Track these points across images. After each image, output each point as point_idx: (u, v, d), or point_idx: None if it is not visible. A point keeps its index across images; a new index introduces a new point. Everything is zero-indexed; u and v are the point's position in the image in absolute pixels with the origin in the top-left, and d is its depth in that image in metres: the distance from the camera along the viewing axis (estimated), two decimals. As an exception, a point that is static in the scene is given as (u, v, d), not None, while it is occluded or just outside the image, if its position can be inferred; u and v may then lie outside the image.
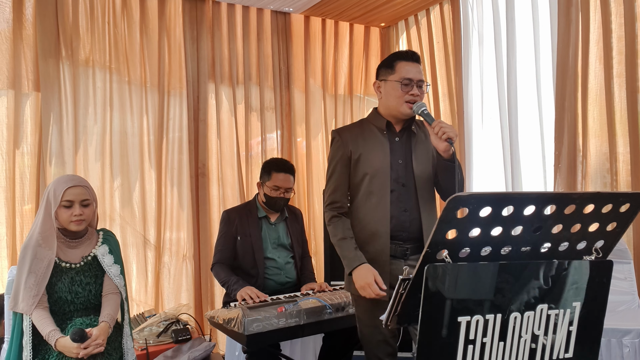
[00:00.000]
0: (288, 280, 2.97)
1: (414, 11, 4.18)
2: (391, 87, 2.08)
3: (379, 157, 2.10)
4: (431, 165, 2.13)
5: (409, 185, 2.09)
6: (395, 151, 2.12)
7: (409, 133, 2.16)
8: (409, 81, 2.05)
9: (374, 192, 2.08)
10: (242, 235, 2.91)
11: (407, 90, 2.05)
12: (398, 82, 2.06)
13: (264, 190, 2.94)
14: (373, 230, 2.07)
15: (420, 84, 2.08)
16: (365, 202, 2.10)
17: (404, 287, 1.33)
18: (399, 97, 2.06)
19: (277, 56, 4.16)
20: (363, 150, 2.11)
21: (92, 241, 2.32)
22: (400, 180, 2.09)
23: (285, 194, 2.93)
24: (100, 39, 3.51)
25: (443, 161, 2.00)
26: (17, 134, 3.27)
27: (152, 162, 3.68)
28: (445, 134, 1.91)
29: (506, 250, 1.32)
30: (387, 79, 2.11)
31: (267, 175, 2.93)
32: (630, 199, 1.33)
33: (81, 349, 2.02)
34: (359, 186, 2.12)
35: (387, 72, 2.11)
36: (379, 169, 2.08)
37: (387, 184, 2.07)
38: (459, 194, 1.19)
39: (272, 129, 4.16)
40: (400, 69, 2.07)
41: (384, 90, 2.13)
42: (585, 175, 2.98)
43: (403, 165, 2.11)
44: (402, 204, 2.07)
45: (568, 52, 3.03)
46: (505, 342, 1.31)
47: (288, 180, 2.93)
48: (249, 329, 2.22)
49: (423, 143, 2.16)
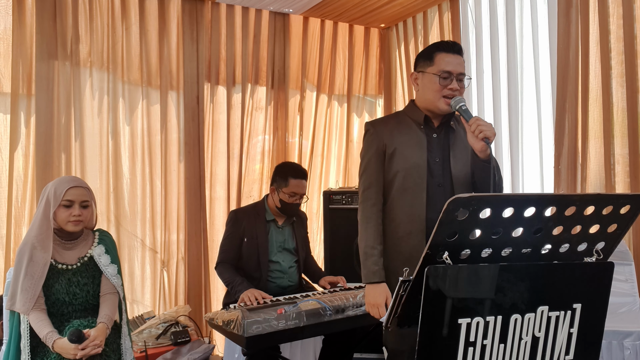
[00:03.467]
0: (290, 284, 2.97)
1: (414, 12, 4.18)
2: (429, 80, 1.95)
3: (415, 152, 1.97)
4: (469, 164, 1.99)
5: (446, 185, 1.96)
6: (432, 148, 1.99)
7: (447, 129, 2.03)
8: (448, 74, 1.92)
9: (409, 190, 1.96)
10: (248, 237, 2.90)
11: (445, 84, 1.92)
12: (436, 75, 1.93)
13: (279, 196, 2.90)
14: (407, 230, 1.96)
15: (461, 78, 1.94)
16: (399, 199, 1.98)
17: (404, 289, 1.32)
18: (436, 91, 1.93)
19: (275, 57, 4.16)
20: (398, 144, 1.99)
21: (88, 242, 2.32)
22: (437, 180, 1.96)
23: (299, 200, 2.93)
24: (98, 40, 3.51)
25: (480, 161, 1.88)
26: (14, 136, 3.26)
27: (149, 162, 3.68)
28: (482, 132, 1.77)
29: (507, 251, 1.32)
30: (425, 70, 1.97)
31: (284, 182, 2.89)
32: (630, 201, 1.32)
33: (79, 350, 2.02)
34: (392, 182, 2.00)
35: (425, 64, 1.98)
36: (415, 165, 1.96)
37: (423, 181, 1.95)
38: (459, 196, 1.19)
39: (269, 130, 4.16)
40: (439, 60, 1.93)
41: (421, 83, 2.00)
42: (585, 176, 2.97)
43: (440, 164, 1.98)
44: (437, 205, 1.91)
45: (568, 53, 3.03)
46: (505, 344, 1.30)
47: (304, 186, 2.92)
48: (248, 331, 2.21)
49: (462, 141, 2.01)
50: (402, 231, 1.97)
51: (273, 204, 2.96)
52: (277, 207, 2.93)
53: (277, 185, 2.92)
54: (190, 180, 3.80)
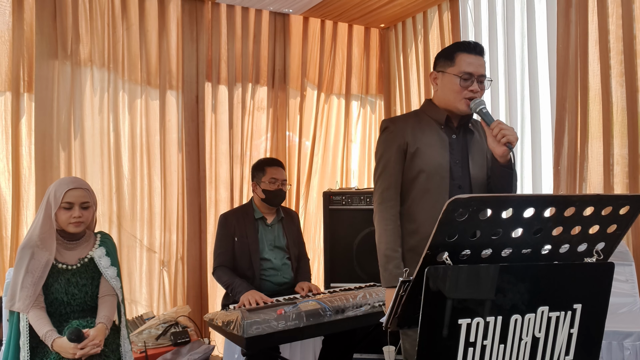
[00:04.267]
0: (285, 281, 2.97)
1: (414, 12, 4.18)
2: (449, 80, 1.91)
3: (438, 153, 1.93)
4: (485, 168, 1.97)
5: (465, 187, 1.92)
6: (453, 149, 1.95)
7: (465, 130, 2.00)
8: (469, 76, 1.88)
9: (431, 191, 1.91)
10: (239, 236, 2.93)
11: (466, 85, 1.88)
12: (457, 76, 1.88)
13: (261, 187, 2.97)
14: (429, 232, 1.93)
15: (482, 79, 1.90)
16: (420, 199, 1.93)
17: (404, 290, 1.32)
18: (456, 92, 1.89)
19: (275, 57, 4.16)
20: (421, 143, 1.93)
21: (89, 243, 2.32)
22: (457, 182, 1.92)
23: (282, 186, 2.97)
24: (99, 40, 3.51)
25: (499, 166, 1.84)
26: (14, 135, 3.26)
27: (150, 163, 3.68)
28: (505, 137, 1.74)
29: (507, 252, 1.32)
30: (445, 70, 1.93)
31: (261, 172, 2.98)
32: (630, 201, 1.32)
33: (78, 349, 2.02)
34: (413, 182, 1.94)
35: (445, 64, 1.93)
36: (438, 166, 1.91)
37: (446, 183, 1.91)
38: (458, 196, 1.19)
39: (269, 130, 4.16)
40: (460, 61, 1.89)
41: (440, 83, 1.95)
42: (585, 177, 2.97)
43: (459, 165, 1.94)
44: None
45: (568, 53, 3.03)
46: (505, 345, 1.30)
47: (282, 172, 3.00)
48: (248, 332, 2.21)
49: (479, 143, 1.99)
50: (423, 232, 1.91)
51: (259, 199, 3.00)
52: (262, 199, 2.97)
53: (256, 179, 3.00)
54: (190, 180, 3.80)
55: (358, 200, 3.46)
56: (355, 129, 4.55)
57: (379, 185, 1.99)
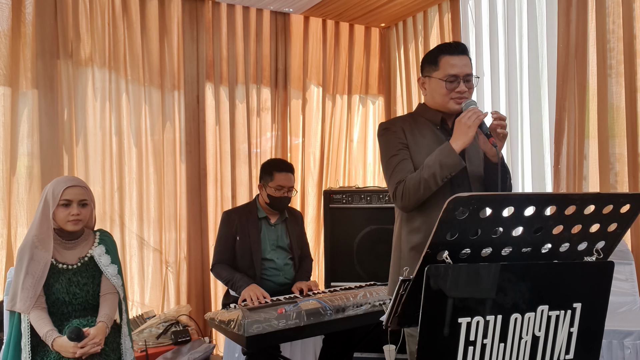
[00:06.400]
0: (287, 282, 2.97)
1: (414, 12, 4.18)
2: (436, 84, 1.93)
3: None
4: (482, 166, 2.00)
5: (464, 185, 1.94)
6: None
7: None
8: (455, 78, 1.89)
9: None
10: (241, 235, 2.92)
11: (452, 87, 1.90)
12: (442, 80, 1.90)
13: (266, 191, 2.94)
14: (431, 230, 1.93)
15: (468, 79, 1.91)
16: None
17: (404, 288, 1.32)
18: (444, 96, 1.91)
19: (276, 56, 4.16)
20: (419, 143, 1.96)
21: (88, 242, 2.32)
22: (456, 181, 1.92)
23: (288, 193, 2.94)
24: (99, 39, 3.51)
25: (491, 164, 1.90)
26: (14, 134, 3.26)
27: (150, 162, 3.68)
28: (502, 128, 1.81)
29: (507, 251, 1.32)
30: (431, 75, 1.95)
31: (269, 176, 2.93)
32: (630, 200, 1.32)
33: (78, 348, 2.02)
34: None
35: (431, 68, 1.95)
36: None
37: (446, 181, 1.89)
38: (458, 195, 1.19)
39: (270, 130, 4.16)
40: (444, 64, 1.90)
41: (429, 88, 1.98)
42: (585, 176, 2.98)
43: None
44: None
45: (568, 53, 3.03)
46: (505, 344, 1.30)
47: (290, 179, 2.94)
48: (248, 331, 2.22)
49: (473, 142, 1.98)
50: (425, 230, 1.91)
51: (263, 201, 2.98)
52: (266, 203, 2.96)
53: (263, 181, 2.97)
54: (191, 179, 3.80)
55: (358, 199, 3.46)
56: (355, 128, 4.55)
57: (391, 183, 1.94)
